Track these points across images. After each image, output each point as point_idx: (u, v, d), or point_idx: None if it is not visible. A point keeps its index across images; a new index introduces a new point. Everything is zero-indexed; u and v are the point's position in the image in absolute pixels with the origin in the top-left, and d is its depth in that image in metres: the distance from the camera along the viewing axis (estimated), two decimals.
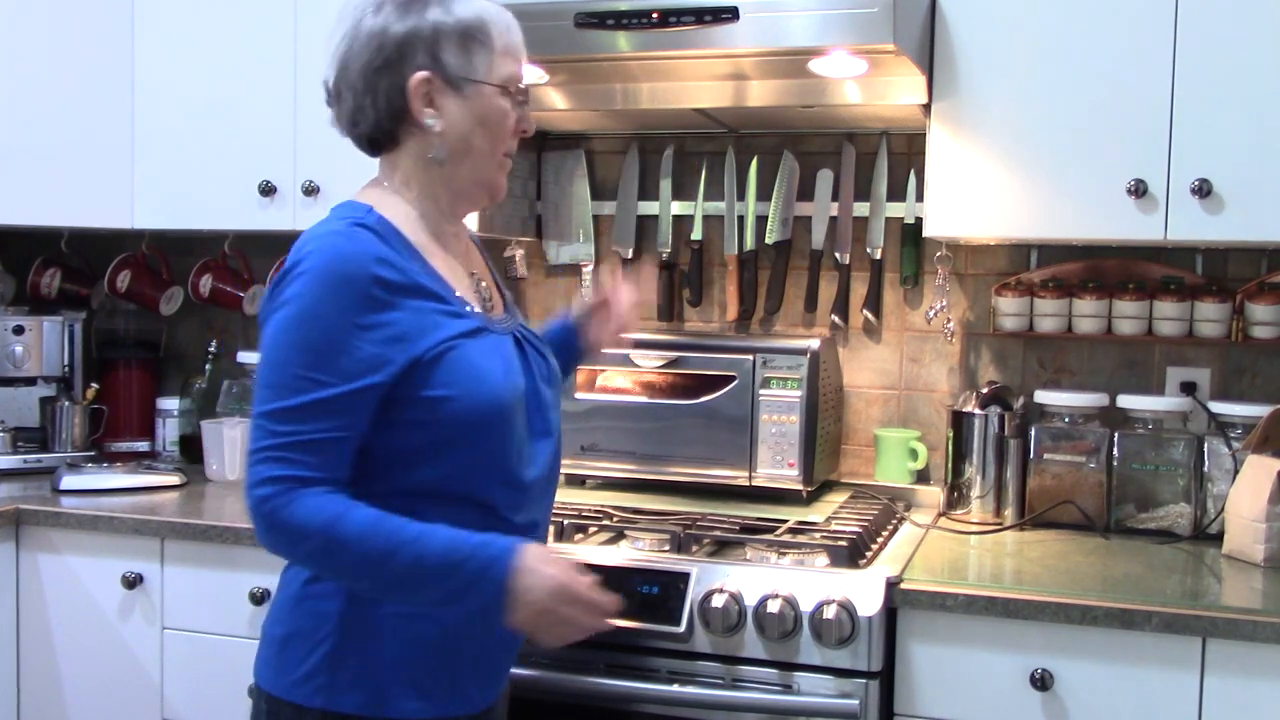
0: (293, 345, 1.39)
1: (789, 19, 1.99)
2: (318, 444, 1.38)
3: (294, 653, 1.47)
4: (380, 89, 1.48)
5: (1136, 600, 1.81)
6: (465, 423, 1.44)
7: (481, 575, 1.39)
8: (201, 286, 2.91)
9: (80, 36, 2.61)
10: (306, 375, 1.38)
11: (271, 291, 1.43)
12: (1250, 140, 2.02)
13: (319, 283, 1.39)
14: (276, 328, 1.40)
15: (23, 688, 2.36)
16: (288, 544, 1.40)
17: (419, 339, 1.43)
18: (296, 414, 1.38)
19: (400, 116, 1.50)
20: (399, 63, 1.47)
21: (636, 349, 2.44)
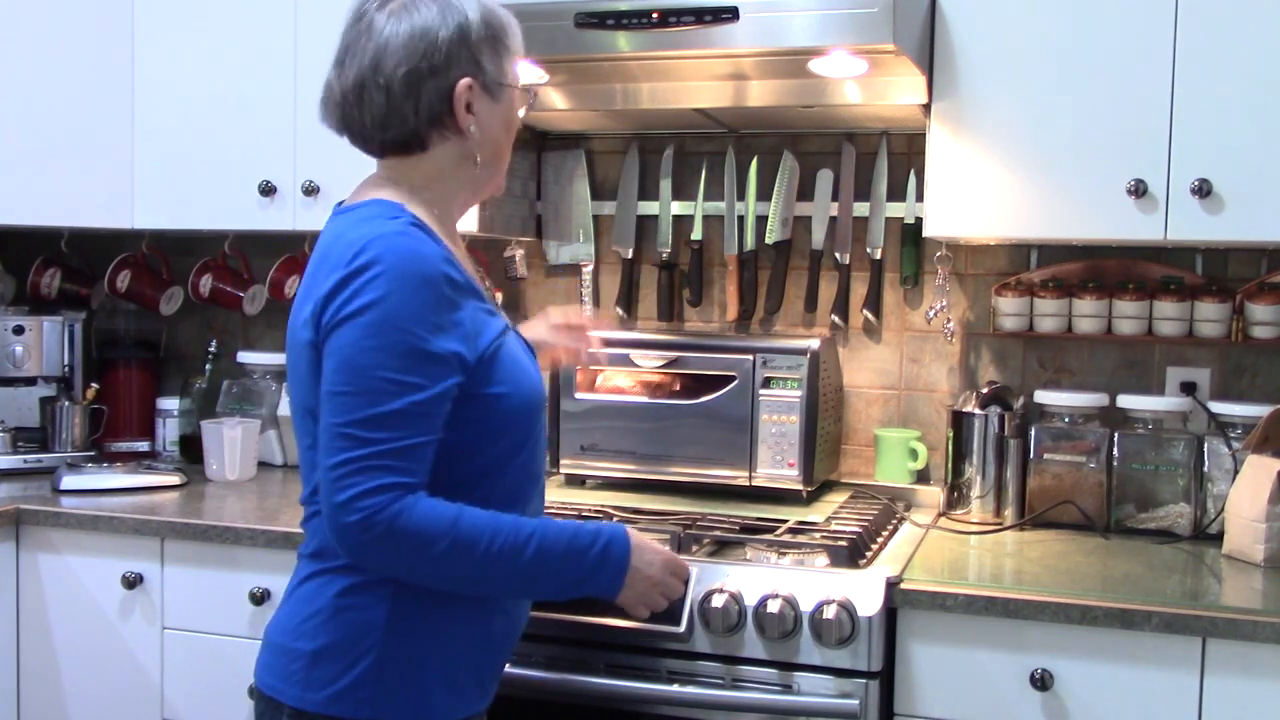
0: (380, 349, 1.35)
1: (789, 19, 1.99)
2: (415, 449, 1.37)
3: (332, 665, 1.44)
4: (424, 94, 1.46)
5: (1136, 600, 1.81)
6: (517, 417, 1.48)
7: (606, 557, 1.49)
8: (201, 286, 2.91)
9: (80, 36, 2.61)
10: (399, 379, 1.35)
11: (335, 296, 1.38)
12: (1250, 140, 2.02)
13: (398, 284, 1.36)
14: (359, 332, 1.36)
15: (23, 688, 2.36)
16: (411, 552, 1.37)
17: (480, 337, 1.45)
18: (393, 420, 1.35)
19: (438, 121, 1.48)
20: (445, 69, 1.46)
21: (636, 349, 2.44)
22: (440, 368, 1.38)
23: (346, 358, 1.36)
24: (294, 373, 1.49)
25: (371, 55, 1.46)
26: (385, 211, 1.45)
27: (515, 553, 1.41)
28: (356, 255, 1.38)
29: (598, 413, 2.44)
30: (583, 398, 2.46)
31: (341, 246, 1.40)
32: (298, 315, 1.46)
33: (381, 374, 1.35)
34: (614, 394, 2.46)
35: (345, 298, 1.37)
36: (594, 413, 2.45)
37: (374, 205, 1.47)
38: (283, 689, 1.47)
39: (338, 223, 1.48)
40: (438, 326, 1.38)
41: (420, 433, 1.37)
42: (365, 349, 1.35)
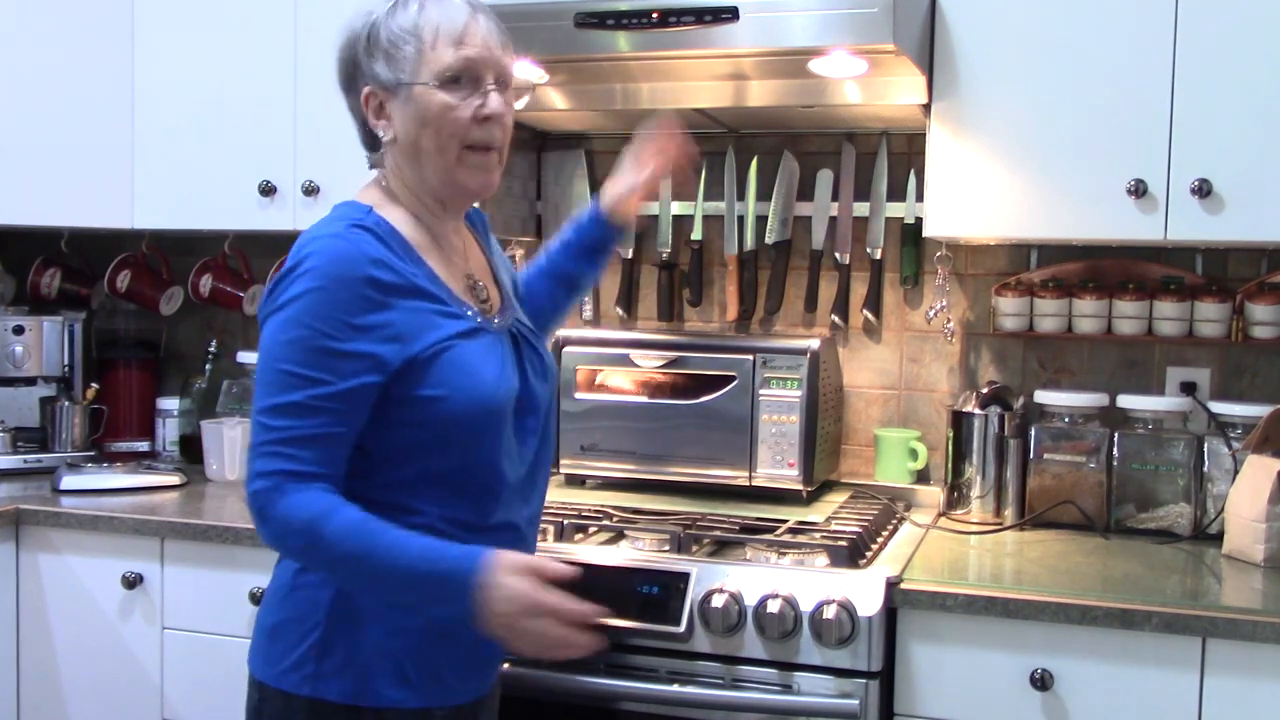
0: (289, 343, 1.42)
1: (789, 19, 1.99)
2: (312, 439, 1.41)
3: (283, 641, 1.50)
4: (354, 107, 1.57)
5: (1136, 600, 1.81)
6: (456, 422, 1.47)
7: (448, 587, 1.39)
8: (201, 286, 2.91)
9: (80, 36, 2.61)
10: (302, 373, 1.41)
11: (270, 291, 1.46)
12: (1250, 140, 2.02)
13: (315, 283, 1.42)
14: (275, 327, 1.43)
15: (23, 688, 2.36)
16: (277, 537, 1.44)
17: (415, 339, 1.45)
18: (291, 410, 1.41)
19: (370, 130, 1.56)
20: (352, 82, 1.56)
21: (636, 349, 2.44)
22: (348, 365, 1.41)
23: (265, 349, 1.44)
24: None
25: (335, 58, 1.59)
26: (344, 212, 1.50)
27: (363, 560, 1.40)
28: (293, 255, 1.46)
29: (598, 413, 2.44)
30: (583, 398, 2.46)
31: (294, 248, 1.47)
32: None
33: (285, 366, 1.41)
34: (614, 394, 2.46)
35: (272, 294, 1.45)
36: (594, 413, 2.45)
37: (345, 205, 1.54)
38: (253, 661, 1.55)
39: None
40: (351, 326, 1.42)
41: (319, 425, 1.41)
42: (277, 343, 1.42)
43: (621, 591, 1.91)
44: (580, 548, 2.02)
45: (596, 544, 2.06)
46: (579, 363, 2.47)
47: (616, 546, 2.05)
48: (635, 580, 1.91)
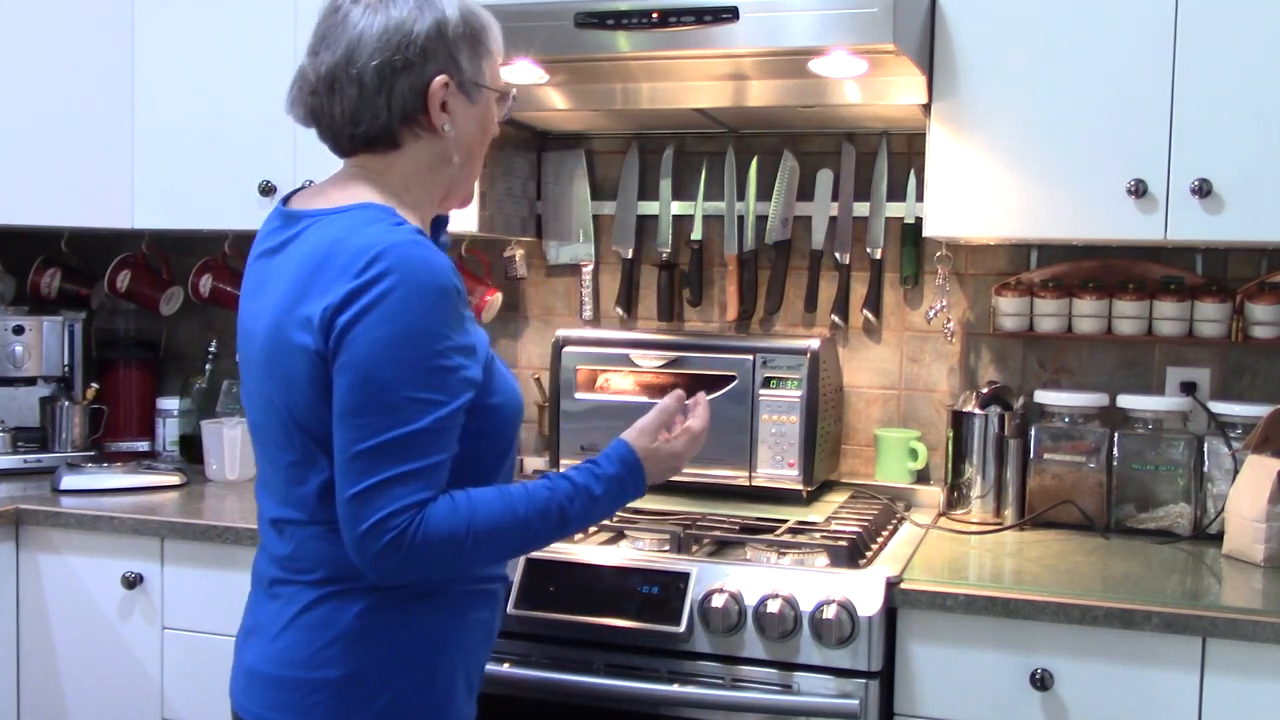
0: (402, 366, 1.30)
1: (789, 19, 1.99)
2: (439, 467, 1.34)
3: (362, 691, 1.40)
4: (397, 89, 1.41)
5: (1136, 600, 1.81)
6: (509, 426, 1.47)
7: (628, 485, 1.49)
8: (201, 286, 2.91)
9: (80, 36, 2.61)
10: (422, 397, 1.31)
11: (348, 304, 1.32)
12: (1250, 140, 2.02)
13: (416, 297, 1.31)
14: (379, 347, 1.30)
15: (23, 688, 2.36)
16: (441, 558, 1.34)
17: (480, 348, 1.42)
18: (420, 439, 1.31)
19: (410, 118, 1.44)
20: (421, 64, 1.41)
21: (636, 349, 2.44)
22: (458, 382, 1.35)
23: (366, 375, 1.30)
24: (273, 377, 1.40)
25: (345, 46, 1.41)
26: (381, 215, 1.39)
27: (540, 519, 1.40)
28: (369, 264, 1.32)
29: (598, 413, 2.44)
30: (583, 398, 2.46)
31: (346, 252, 1.34)
32: (285, 313, 1.37)
33: (405, 393, 1.30)
34: (614, 394, 2.46)
35: (360, 309, 1.31)
36: (594, 413, 2.45)
37: (367, 210, 1.40)
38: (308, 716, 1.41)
39: (330, 225, 1.39)
40: (453, 340, 1.34)
41: (443, 450, 1.34)
42: (386, 365, 1.30)
43: (621, 591, 1.91)
44: (580, 548, 2.02)
45: (596, 544, 2.06)
46: (579, 363, 2.47)
47: (616, 546, 2.05)
48: (635, 580, 1.92)
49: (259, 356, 1.42)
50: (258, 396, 1.45)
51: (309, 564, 1.43)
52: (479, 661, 1.52)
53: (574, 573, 1.94)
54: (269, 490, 1.48)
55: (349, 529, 1.32)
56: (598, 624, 1.89)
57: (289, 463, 1.41)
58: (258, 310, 1.44)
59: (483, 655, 1.54)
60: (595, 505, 1.46)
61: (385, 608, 1.41)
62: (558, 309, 2.82)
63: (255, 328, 1.44)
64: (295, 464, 1.41)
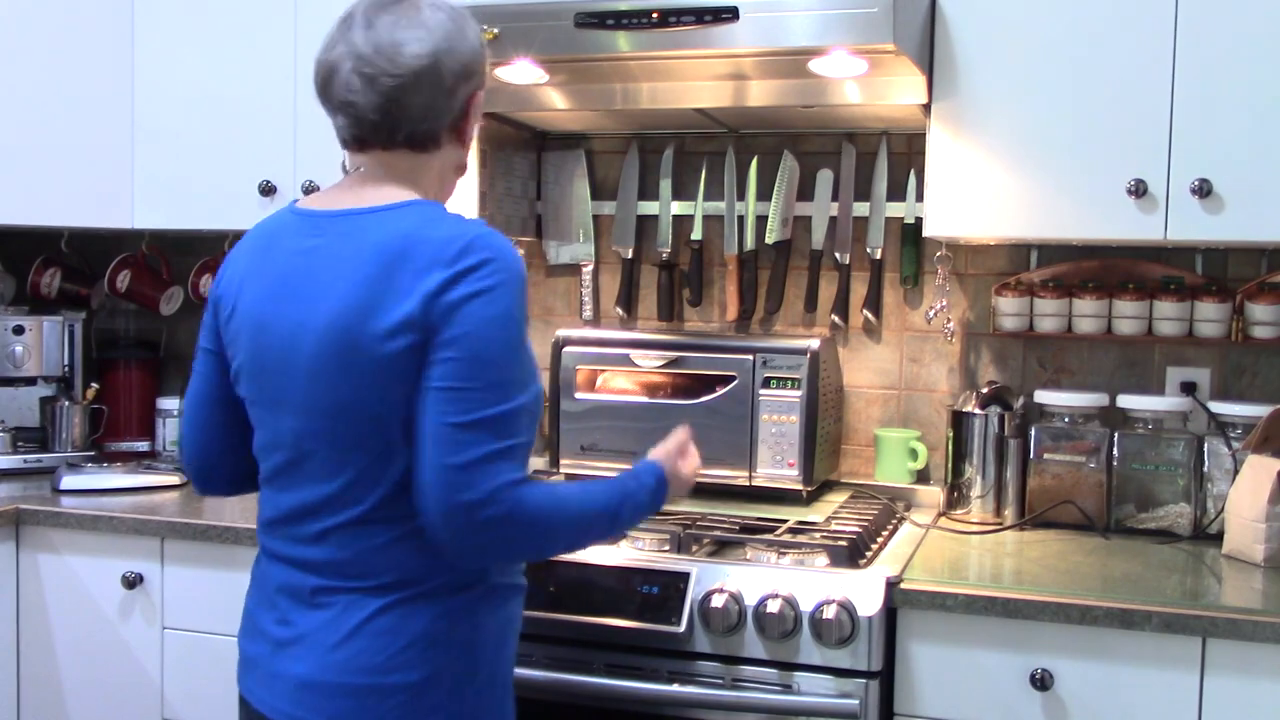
0: (507, 346, 1.38)
1: (789, 19, 1.99)
2: (528, 447, 1.42)
3: (437, 693, 1.44)
4: (460, 93, 1.50)
5: (1136, 600, 1.81)
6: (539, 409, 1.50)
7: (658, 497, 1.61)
8: (201, 286, 2.91)
9: (80, 36, 2.61)
10: (519, 378, 1.40)
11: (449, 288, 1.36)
12: (1250, 140, 2.02)
13: (513, 282, 1.40)
14: (487, 327, 1.37)
15: (23, 688, 2.36)
16: (535, 534, 1.41)
17: None
18: (522, 416, 1.40)
19: (455, 124, 1.52)
20: (476, 74, 1.52)
21: (636, 349, 2.44)
22: (537, 371, 1.46)
23: (474, 352, 1.36)
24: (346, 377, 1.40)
25: (435, 46, 1.45)
26: (446, 213, 1.47)
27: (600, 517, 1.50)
28: (463, 252, 1.38)
29: (598, 413, 2.44)
30: (583, 398, 2.46)
31: (431, 243, 1.38)
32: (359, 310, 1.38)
33: (510, 371, 1.38)
34: (614, 394, 2.46)
35: (466, 293, 1.36)
36: (594, 413, 2.45)
37: (425, 205, 1.47)
38: None
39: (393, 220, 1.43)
40: (529, 326, 1.45)
41: (532, 430, 1.43)
42: (492, 344, 1.37)
43: (621, 591, 1.91)
44: None
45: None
46: (579, 363, 2.47)
47: (616, 546, 2.05)
48: (635, 580, 1.92)
49: (319, 359, 1.41)
50: (317, 400, 1.42)
51: (370, 569, 1.44)
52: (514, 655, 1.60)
53: (574, 573, 1.94)
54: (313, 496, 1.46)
55: (444, 497, 1.34)
56: (598, 624, 1.89)
57: (368, 463, 1.42)
58: (298, 311, 1.43)
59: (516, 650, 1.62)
60: (638, 512, 1.58)
61: (458, 611, 1.46)
62: (558, 309, 2.82)
63: (300, 328, 1.43)
64: (375, 463, 1.42)
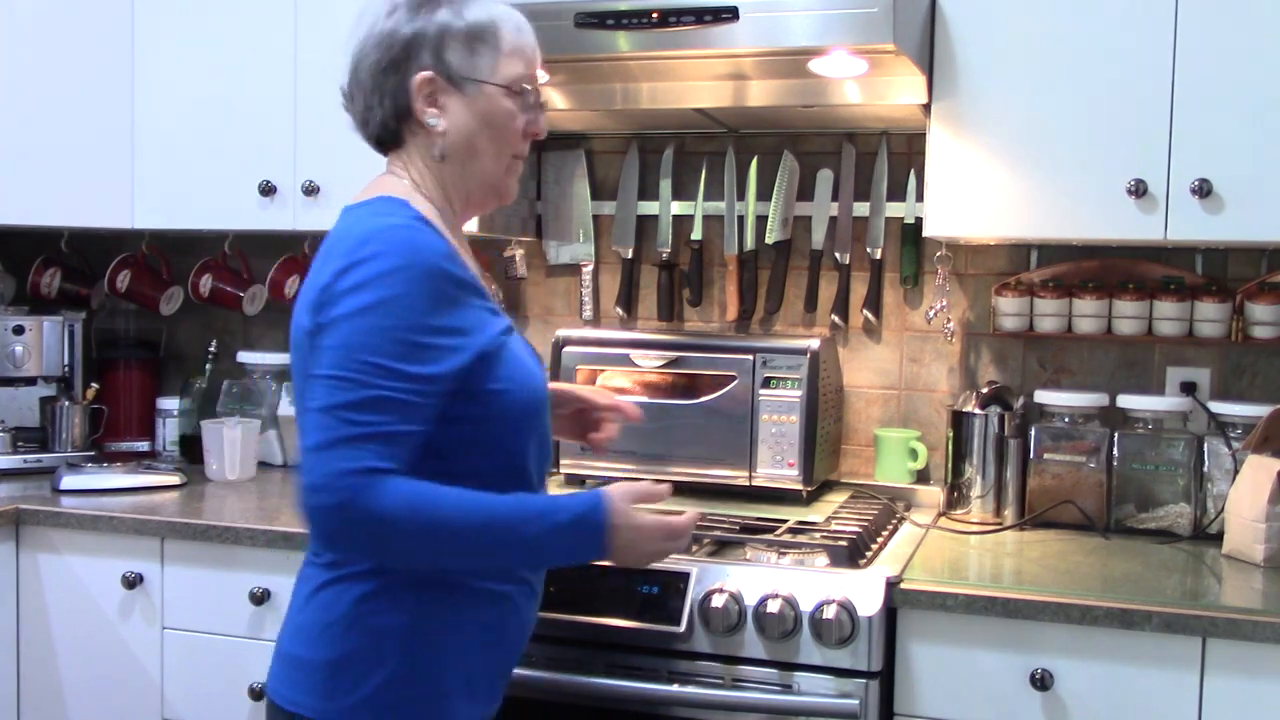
0: (377, 335, 1.36)
1: (789, 19, 1.99)
2: (399, 437, 1.36)
3: (350, 674, 1.44)
4: (386, 88, 1.50)
5: (1136, 600, 1.81)
6: (516, 413, 1.48)
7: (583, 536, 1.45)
8: (201, 286, 2.91)
9: (80, 36, 2.61)
10: (391, 366, 1.35)
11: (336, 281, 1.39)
12: (1250, 140, 2.02)
13: (400, 275, 1.37)
14: (357, 319, 1.36)
15: (23, 688, 2.36)
16: (377, 535, 1.36)
17: (479, 334, 1.45)
18: (376, 405, 1.35)
19: (404, 115, 1.51)
20: (405, 62, 1.49)
21: (636, 349, 2.44)
22: (434, 361, 1.39)
23: (342, 342, 1.36)
24: (297, 369, 1.48)
25: (354, 57, 1.53)
26: (390, 208, 1.46)
27: (488, 530, 1.40)
28: (359, 246, 1.40)
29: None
30: None
31: (347, 240, 1.42)
32: (299, 309, 1.46)
33: (375, 359, 1.35)
34: (614, 394, 2.45)
35: (346, 286, 1.38)
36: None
37: (379, 202, 1.48)
38: (302, 701, 1.45)
39: (345, 218, 1.49)
40: (435, 320, 1.39)
41: (406, 421, 1.37)
42: (361, 333, 1.36)
43: (621, 591, 1.91)
44: None
45: None
46: (579, 363, 2.47)
47: None
48: (635, 580, 1.92)
49: (292, 350, 1.49)
50: (295, 386, 1.50)
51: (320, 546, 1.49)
52: (484, 664, 1.52)
53: (574, 572, 1.94)
54: None
55: (300, 481, 1.35)
56: (598, 624, 1.89)
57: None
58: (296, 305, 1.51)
59: (493, 658, 1.53)
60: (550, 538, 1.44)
61: (381, 596, 1.44)
62: (558, 309, 2.82)
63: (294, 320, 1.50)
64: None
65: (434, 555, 1.41)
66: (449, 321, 1.41)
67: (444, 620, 1.47)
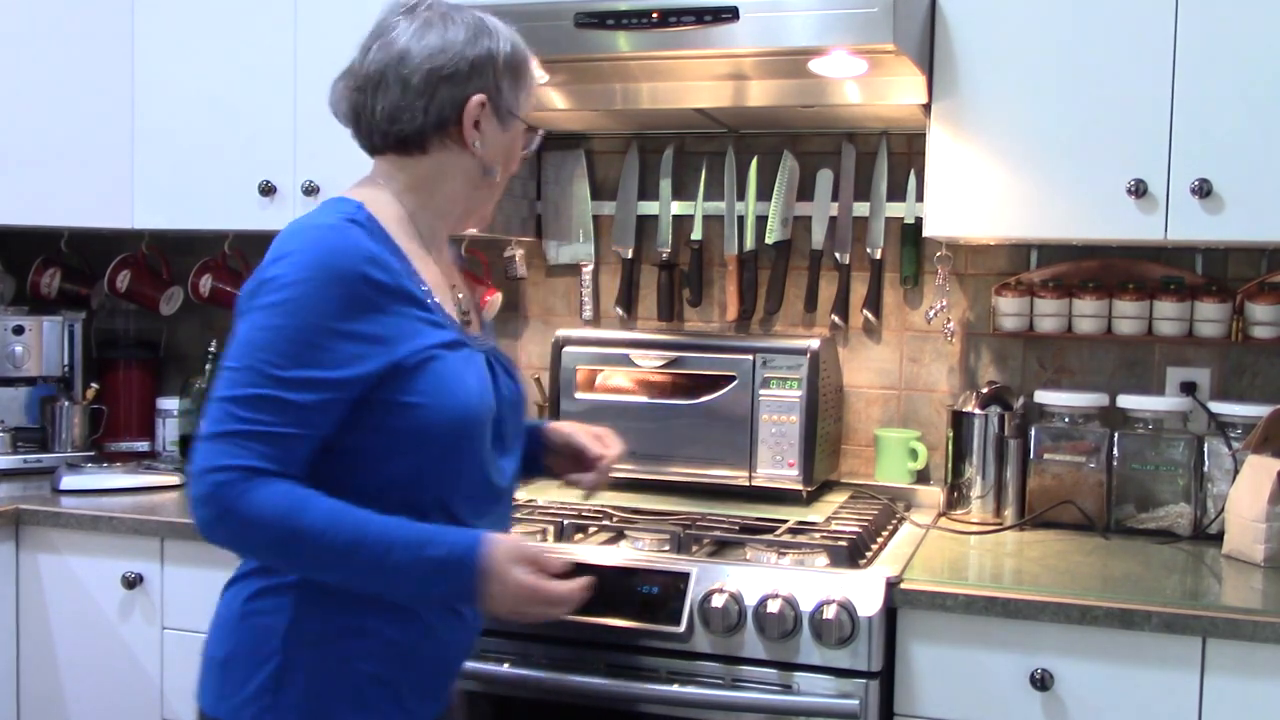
0: (272, 331, 1.36)
1: (789, 19, 1.99)
2: (279, 438, 1.35)
3: (236, 673, 1.44)
4: (439, 96, 1.48)
5: (1136, 600, 1.81)
6: (434, 431, 1.43)
7: (450, 574, 1.39)
8: (201, 286, 2.91)
9: (80, 36, 2.61)
10: (279, 366, 1.35)
11: (253, 279, 1.40)
12: (1250, 140, 2.02)
13: (305, 275, 1.37)
14: (261, 315, 1.37)
15: (23, 688, 2.36)
16: (239, 533, 1.36)
17: (400, 343, 1.41)
18: (262, 404, 1.34)
19: (443, 128, 1.50)
20: (466, 78, 1.49)
21: (636, 349, 2.44)
22: (332, 365, 1.36)
23: (245, 337, 1.37)
24: None
25: (399, 49, 1.48)
26: (337, 208, 1.46)
27: (355, 549, 1.36)
28: (282, 243, 1.41)
29: (598, 413, 2.44)
30: (583, 398, 2.46)
31: (280, 237, 1.43)
32: None
33: (269, 356, 1.35)
34: (614, 394, 2.46)
35: (258, 283, 1.39)
36: (594, 413, 2.44)
37: (336, 201, 1.48)
38: (203, 697, 1.48)
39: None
40: (338, 325, 1.37)
41: (292, 424, 1.35)
42: (262, 331, 1.36)
43: (621, 591, 1.91)
44: (580, 547, 2.02)
45: (596, 544, 2.06)
46: (579, 363, 2.47)
47: (616, 546, 2.05)
48: (635, 580, 1.92)
49: None
50: None
51: None
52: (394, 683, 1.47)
53: (574, 573, 1.94)
54: None
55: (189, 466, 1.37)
56: (598, 624, 1.89)
57: None
58: None
59: (403, 677, 1.48)
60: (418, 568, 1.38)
61: (267, 596, 1.45)
62: (558, 309, 2.82)
63: None
64: None
65: (293, 563, 1.40)
66: (358, 327, 1.38)
67: (325, 627, 1.44)
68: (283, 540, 1.36)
